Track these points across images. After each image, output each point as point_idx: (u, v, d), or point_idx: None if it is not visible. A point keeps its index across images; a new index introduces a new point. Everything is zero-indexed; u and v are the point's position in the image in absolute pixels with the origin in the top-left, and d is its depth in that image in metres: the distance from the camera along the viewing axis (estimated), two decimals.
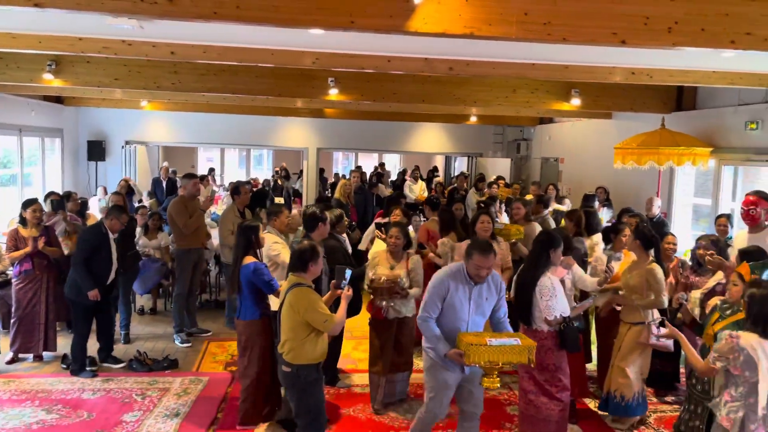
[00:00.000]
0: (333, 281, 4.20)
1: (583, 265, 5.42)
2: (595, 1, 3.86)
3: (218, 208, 10.77)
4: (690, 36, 3.96)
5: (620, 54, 5.53)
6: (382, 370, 5.17)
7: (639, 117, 10.06)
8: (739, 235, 5.46)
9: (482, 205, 7.84)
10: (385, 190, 13.20)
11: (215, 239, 8.18)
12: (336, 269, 4.24)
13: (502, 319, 4.16)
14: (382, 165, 18.30)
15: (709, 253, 4.85)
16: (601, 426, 5.09)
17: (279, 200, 13.72)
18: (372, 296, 5.11)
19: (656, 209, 8.25)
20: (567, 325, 4.27)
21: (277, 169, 15.80)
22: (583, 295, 5.30)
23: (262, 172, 21.99)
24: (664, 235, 5.98)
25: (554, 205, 9.29)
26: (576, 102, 8.90)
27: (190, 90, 8.43)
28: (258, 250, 4.93)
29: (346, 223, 6.45)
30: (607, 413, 5.16)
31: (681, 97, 9.36)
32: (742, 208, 5.08)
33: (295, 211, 11.96)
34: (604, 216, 8.95)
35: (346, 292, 4.08)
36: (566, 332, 4.26)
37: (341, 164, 24.17)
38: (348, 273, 4.13)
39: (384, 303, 5.02)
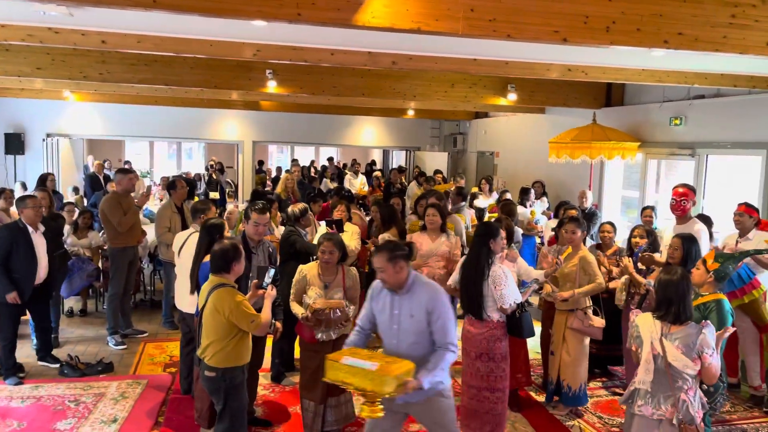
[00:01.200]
0: (255, 281, 4.10)
1: None
2: None
3: (151, 204, 10.38)
4: (626, 35, 4.11)
5: (558, 51, 5.69)
6: (318, 398, 4.39)
7: (571, 112, 10.43)
8: (669, 227, 5.74)
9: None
10: (330, 184, 13.08)
11: (149, 236, 7.87)
12: (258, 268, 4.18)
13: (435, 346, 3.42)
14: (330, 159, 18.08)
15: (643, 250, 5.12)
16: (543, 414, 5.25)
17: (214, 195, 13.41)
18: (309, 325, 4.34)
19: (588, 201, 8.59)
20: (522, 311, 4.37)
21: (211, 162, 15.37)
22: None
23: (193, 165, 21.34)
24: (600, 224, 6.25)
25: (480, 199, 9.59)
26: (512, 97, 9.11)
27: (120, 81, 8.06)
28: None
29: (311, 217, 6.39)
30: (554, 402, 5.32)
31: (610, 93, 9.76)
32: (674, 199, 5.30)
33: (231, 207, 11.69)
34: (538, 208, 9.24)
35: (270, 292, 3.98)
36: (522, 318, 4.36)
37: (275, 158, 23.80)
38: (271, 272, 4.07)
39: (321, 335, 4.32)
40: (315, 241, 6.12)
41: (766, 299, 5.56)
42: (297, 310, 4.40)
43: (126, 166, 13.45)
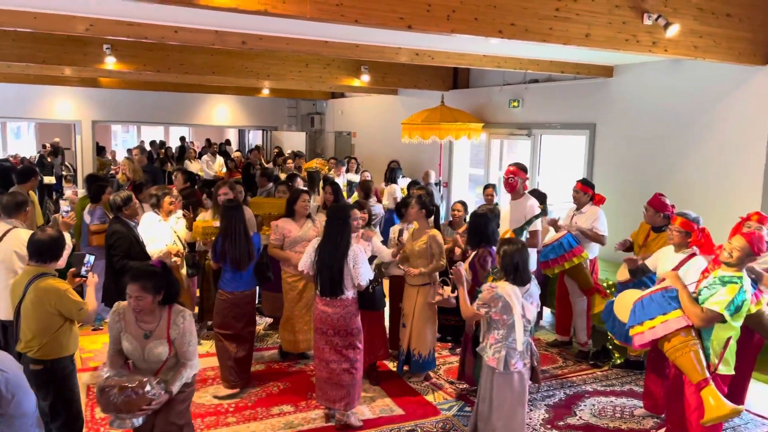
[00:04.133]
0: (72, 270, 3.96)
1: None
2: None
3: None
4: (465, 24, 4.37)
5: (405, 36, 5.87)
6: None
7: (422, 94, 10.84)
8: (506, 203, 6.24)
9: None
10: (191, 166, 12.38)
11: None
12: (74, 256, 4.03)
13: None
14: (182, 138, 17.04)
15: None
16: (400, 384, 5.50)
17: (49, 180, 12.25)
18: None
19: (432, 179, 9.07)
20: (375, 286, 4.60)
21: (46, 144, 13.94)
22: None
23: (22, 147, 19.24)
24: (453, 203, 6.68)
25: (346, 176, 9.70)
26: (366, 78, 9.27)
27: None
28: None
29: (137, 205, 6.01)
30: (404, 371, 5.58)
31: (457, 77, 10.27)
32: (504, 177, 5.77)
33: (69, 192, 10.76)
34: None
35: (91, 279, 3.89)
36: (375, 292, 4.62)
37: (120, 138, 22.18)
38: (90, 258, 3.98)
39: (116, 421, 3.25)
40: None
41: (596, 267, 6.26)
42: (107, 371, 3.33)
43: None
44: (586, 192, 6.14)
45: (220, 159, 13.45)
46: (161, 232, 5.61)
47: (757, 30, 5.48)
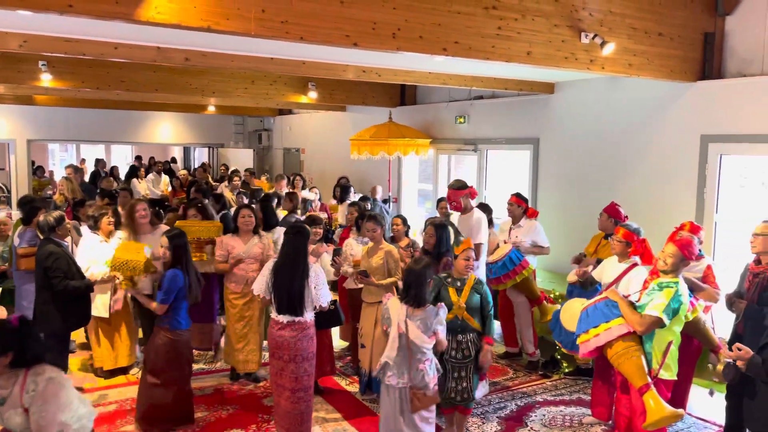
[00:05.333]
0: None
1: None
2: (329, 4, 4.05)
3: None
4: (410, 42, 4.42)
5: (352, 53, 5.90)
6: None
7: (370, 110, 10.90)
8: (455, 217, 6.32)
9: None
10: (138, 186, 12.00)
11: None
12: None
13: None
14: (139, 158, 16.47)
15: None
16: (350, 401, 5.44)
17: None
18: None
19: (379, 195, 9.12)
20: (335, 304, 4.71)
21: None
22: None
23: None
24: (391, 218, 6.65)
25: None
26: (313, 95, 9.26)
27: None
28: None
29: (69, 226, 5.77)
30: (365, 392, 5.51)
31: (404, 93, 10.39)
32: (447, 202, 5.87)
33: (3, 215, 10.25)
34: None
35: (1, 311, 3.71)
36: (336, 309, 4.71)
37: (58, 157, 21.37)
38: None
39: None
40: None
41: (534, 277, 6.40)
42: None
43: None
44: (520, 205, 6.32)
45: (165, 177, 13.14)
46: (104, 254, 5.40)
47: (687, 48, 5.77)
